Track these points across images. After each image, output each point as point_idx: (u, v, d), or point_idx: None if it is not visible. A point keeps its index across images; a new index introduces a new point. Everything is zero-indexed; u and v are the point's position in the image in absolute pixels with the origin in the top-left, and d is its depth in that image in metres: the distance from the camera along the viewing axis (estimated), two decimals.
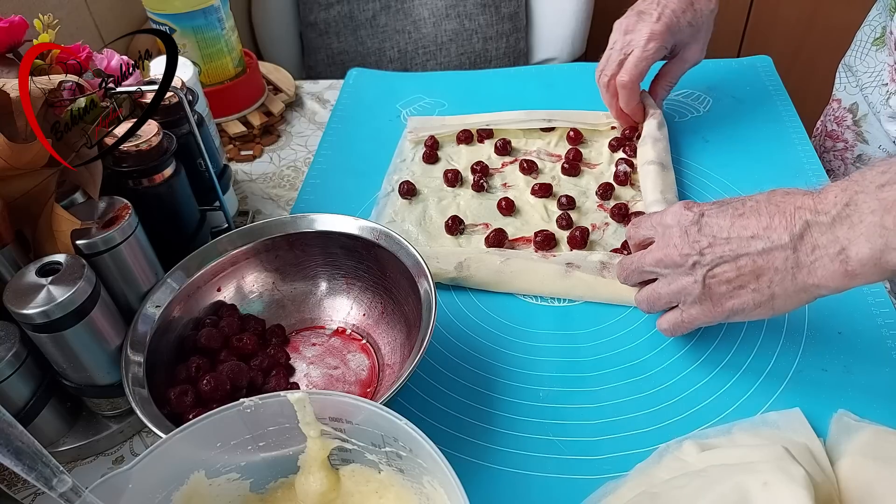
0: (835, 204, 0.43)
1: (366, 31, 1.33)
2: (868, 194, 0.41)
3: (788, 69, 0.93)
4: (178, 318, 0.56)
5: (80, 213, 0.50)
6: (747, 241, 0.46)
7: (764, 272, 0.46)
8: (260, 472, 0.45)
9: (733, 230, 0.47)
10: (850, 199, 0.42)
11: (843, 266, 0.43)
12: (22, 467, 0.35)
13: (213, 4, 0.78)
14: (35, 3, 0.80)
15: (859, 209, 0.42)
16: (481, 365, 0.58)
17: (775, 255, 0.45)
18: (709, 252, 0.48)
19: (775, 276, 0.46)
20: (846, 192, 0.43)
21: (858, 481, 0.45)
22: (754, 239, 0.46)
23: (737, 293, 0.48)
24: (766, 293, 0.47)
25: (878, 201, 0.41)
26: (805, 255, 0.44)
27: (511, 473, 0.50)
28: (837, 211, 0.43)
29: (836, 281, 0.43)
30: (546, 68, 0.99)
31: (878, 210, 0.40)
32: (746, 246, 0.46)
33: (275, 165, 0.83)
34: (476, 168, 0.75)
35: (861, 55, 0.79)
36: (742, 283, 0.47)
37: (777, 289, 0.46)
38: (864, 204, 0.41)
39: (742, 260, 0.47)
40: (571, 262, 0.63)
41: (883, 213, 0.40)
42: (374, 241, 0.57)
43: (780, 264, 0.45)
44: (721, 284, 0.48)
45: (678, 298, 0.51)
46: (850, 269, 0.42)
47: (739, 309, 0.48)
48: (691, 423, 0.52)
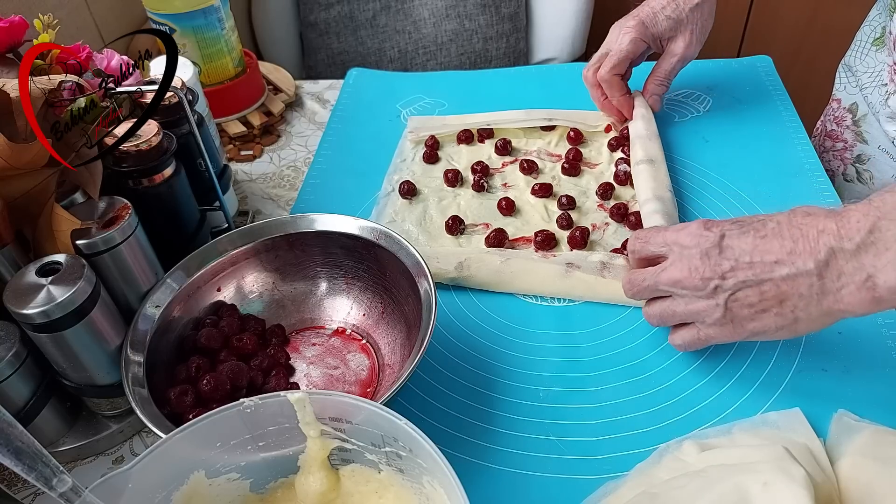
0: (858, 230, 0.43)
1: (366, 31, 1.33)
2: (892, 220, 0.41)
3: (788, 69, 0.93)
4: (178, 318, 0.56)
5: (80, 213, 0.50)
6: (771, 266, 0.46)
7: (788, 297, 0.46)
8: (260, 472, 0.45)
9: (755, 254, 0.46)
10: (874, 224, 0.42)
11: (870, 293, 0.42)
12: (22, 467, 0.35)
13: (213, 4, 0.78)
14: (35, 3, 0.80)
15: (884, 236, 0.42)
16: (481, 365, 0.58)
17: (800, 282, 0.45)
18: (731, 276, 0.47)
19: (800, 302, 0.45)
20: (868, 216, 0.43)
21: (858, 481, 0.45)
22: (778, 264, 0.45)
23: (759, 317, 0.47)
24: (790, 317, 0.46)
25: None
26: (831, 281, 0.44)
27: (511, 473, 0.50)
28: (861, 238, 0.42)
29: (864, 307, 0.43)
30: (546, 68, 0.99)
31: None
32: (770, 271, 0.46)
33: (275, 165, 0.83)
34: (476, 168, 0.75)
35: (861, 55, 0.79)
36: (765, 308, 0.47)
37: (801, 314, 0.46)
38: (889, 231, 0.41)
39: (766, 285, 0.46)
40: (572, 262, 0.63)
41: None
42: (374, 241, 0.57)
43: (804, 290, 0.45)
44: (743, 308, 0.47)
45: (696, 318, 0.50)
46: (878, 295, 0.42)
47: (761, 331, 0.48)
48: (691, 423, 0.52)
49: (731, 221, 0.49)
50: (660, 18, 0.74)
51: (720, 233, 0.48)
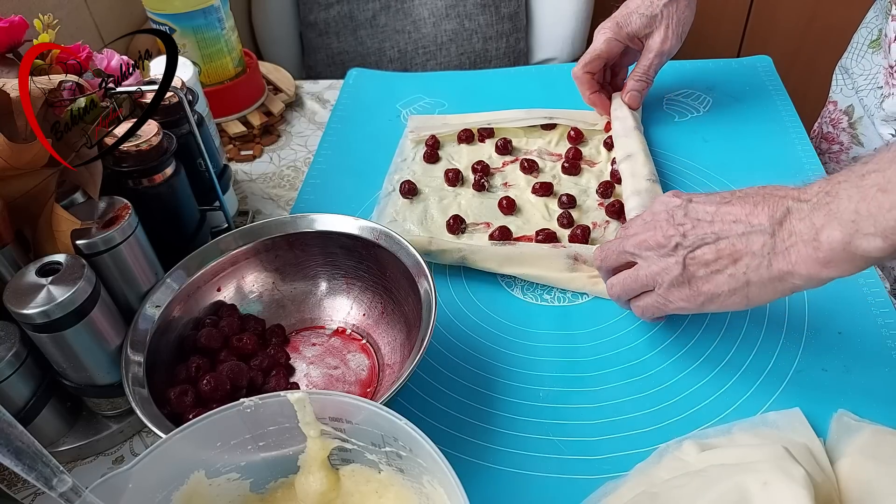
0: (817, 192, 0.44)
1: (366, 31, 1.33)
2: (850, 182, 0.42)
3: (788, 69, 0.93)
4: (178, 318, 0.56)
5: (80, 213, 0.50)
6: (730, 224, 0.47)
7: (742, 256, 0.47)
8: (260, 472, 0.45)
9: (717, 214, 0.48)
10: (833, 188, 0.43)
11: (815, 252, 0.43)
12: (22, 467, 0.35)
13: (213, 4, 0.78)
14: (35, 3, 0.80)
15: (839, 197, 0.42)
16: (481, 365, 0.58)
17: (754, 239, 0.46)
18: (691, 233, 0.49)
19: (752, 262, 0.46)
20: (830, 182, 0.43)
21: (858, 481, 0.45)
22: (736, 223, 0.47)
23: (713, 277, 0.48)
24: (742, 279, 0.47)
25: (858, 189, 0.41)
26: (781, 240, 0.45)
27: (511, 473, 0.50)
28: (819, 199, 0.43)
29: (809, 267, 0.43)
30: (546, 68, 0.99)
31: (856, 197, 0.41)
32: (728, 229, 0.47)
33: (275, 165, 0.83)
34: (477, 167, 0.75)
35: (857, 57, 0.79)
36: (719, 267, 0.48)
37: (752, 275, 0.46)
38: (844, 192, 0.42)
39: (722, 242, 0.47)
40: (578, 253, 0.63)
41: (859, 200, 0.41)
42: (374, 241, 0.57)
43: (757, 249, 0.46)
44: (700, 267, 0.49)
45: (656, 281, 0.51)
46: (822, 255, 0.42)
47: (715, 294, 0.48)
48: (691, 423, 0.52)
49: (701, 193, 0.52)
50: (633, 17, 0.75)
51: (688, 198, 0.51)
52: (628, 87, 0.78)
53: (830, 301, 0.60)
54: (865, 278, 0.61)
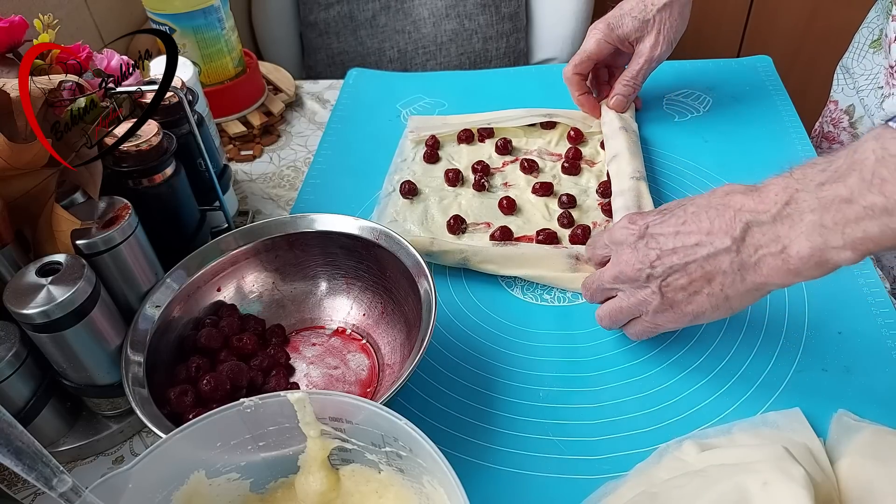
0: (775, 202, 0.43)
1: (366, 31, 1.33)
2: (808, 192, 0.42)
3: (788, 69, 0.93)
4: (178, 318, 0.56)
5: (80, 213, 0.50)
6: (693, 248, 0.47)
7: (713, 276, 0.47)
8: (260, 472, 0.45)
9: (678, 239, 0.48)
10: (791, 196, 0.43)
11: (785, 264, 0.43)
12: (22, 467, 0.35)
13: (213, 4, 0.78)
14: (35, 3, 0.80)
15: (799, 207, 0.42)
16: (481, 365, 0.58)
17: (721, 259, 0.46)
18: (658, 264, 0.49)
19: (725, 279, 0.47)
20: (787, 189, 0.43)
21: (858, 481, 0.45)
22: (699, 246, 0.47)
23: (693, 299, 0.49)
24: (721, 296, 0.47)
25: (818, 200, 0.41)
26: (748, 255, 0.45)
27: (511, 473, 0.50)
28: (778, 210, 0.43)
29: (781, 277, 0.44)
30: (546, 68, 0.99)
31: (818, 209, 0.41)
32: (693, 253, 0.47)
33: (275, 165, 0.83)
34: (477, 167, 0.75)
35: (858, 57, 0.79)
36: (696, 289, 0.48)
37: (729, 290, 0.47)
38: (805, 202, 0.42)
39: (691, 267, 0.48)
40: (579, 253, 0.63)
41: (822, 212, 0.40)
42: (374, 241, 0.57)
43: (726, 267, 0.46)
44: (677, 292, 0.49)
45: (640, 310, 0.52)
46: (792, 267, 0.43)
47: (699, 312, 0.49)
48: (691, 423, 0.52)
49: (655, 212, 0.52)
50: (626, 20, 0.75)
51: (644, 224, 0.51)
52: (615, 91, 0.78)
53: (830, 301, 0.60)
54: (865, 278, 0.61)
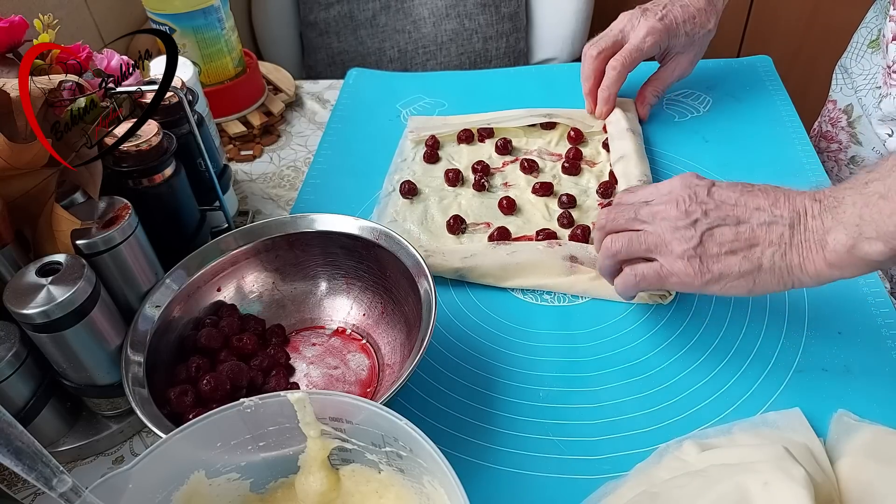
0: (827, 196, 0.47)
1: (366, 31, 1.33)
2: (854, 189, 0.45)
3: (788, 69, 0.93)
4: (178, 318, 0.56)
5: (80, 213, 0.50)
6: (752, 211, 0.49)
7: (759, 242, 0.48)
8: (260, 472, 0.45)
9: (741, 200, 0.50)
10: (840, 193, 0.46)
11: (822, 251, 0.46)
12: (22, 467, 0.35)
13: (213, 4, 0.78)
14: (35, 3, 0.80)
15: (844, 202, 0.46)
16: (481, 365, 0.58)
17: (774, 230, 0.48)
18: (713, 213, 0.50)
19: (767, 250, 0.48)
20: (838, 188, 0.47)
21: (858, 481, 0.45)
22: (759, 211, 0.49)
23: (727, 258, 0.49)
24: (755, 263, 0.48)
25: (861, 196, 0.45)
26: (798, 234, 0.47)
27: (511, 473, 0.50)
28: (828, 202, 0.47)
29: (816, 265, 0.46)
30: (546, 68, 0.99)
31: (859, 203, 0.44)
32: (750, 216, 0.49)
33: (275, 165, 0.83)
34: (477, 167, 0.75)
35: (857, 57, 0.79)
36: (735, 249, 0.49)
37: (766, 261, 0.48)
38: (849, 198, 0.45)
39: (743, 227, 0.49)
40: (575, 255, 0.63)
41: (862, 206, 0.44)
42: (374, 241, 0.57)
43: (775, 238, 0.48)
44: (715, 245, 0.49)
45: (663, 249, 0.51)
46: (828, 256, 0.45)
47: (724, 274, 0.49)
48: (691, 423, 0.52)
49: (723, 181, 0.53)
50: (680, 32, 0.74)
51: (711, 182, 0.53)
52: (645, 97, 0.79)
53: (830, 301, 0.60)
54: (865, 278, 0.61)
